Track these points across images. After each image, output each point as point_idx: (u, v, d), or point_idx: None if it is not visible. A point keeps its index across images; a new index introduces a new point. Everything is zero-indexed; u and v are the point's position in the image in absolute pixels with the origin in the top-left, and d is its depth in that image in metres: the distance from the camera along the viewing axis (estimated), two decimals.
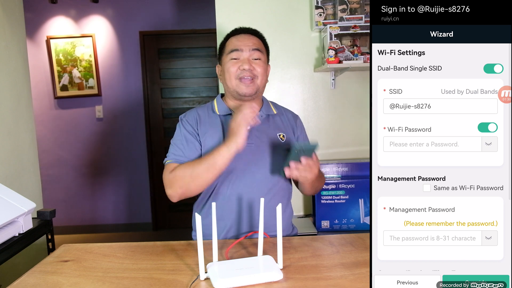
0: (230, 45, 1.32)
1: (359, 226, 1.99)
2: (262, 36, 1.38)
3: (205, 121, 1.32)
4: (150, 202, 3.80)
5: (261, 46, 1.34)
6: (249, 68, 1.28)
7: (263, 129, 1.32)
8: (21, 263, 1.62)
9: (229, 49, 1.31)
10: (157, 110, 3.78)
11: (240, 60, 1.29)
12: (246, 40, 1.31)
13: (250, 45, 1.30)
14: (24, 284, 0.96)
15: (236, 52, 1.29)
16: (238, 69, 1.29)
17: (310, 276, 0.96)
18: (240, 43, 1.30)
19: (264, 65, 1.32)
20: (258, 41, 1.34)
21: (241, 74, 1.28)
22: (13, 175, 1.98)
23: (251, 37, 1.32)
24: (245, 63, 1.28)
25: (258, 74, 1.30)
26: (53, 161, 3.75)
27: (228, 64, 1.31)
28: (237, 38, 1.32)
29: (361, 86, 2.19)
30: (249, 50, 1.29)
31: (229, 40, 1.34)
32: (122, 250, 1.17)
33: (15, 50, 2.08)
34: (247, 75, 1.28)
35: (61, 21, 3.62)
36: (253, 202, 1.27)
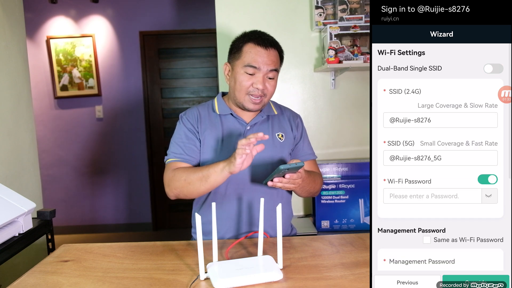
0: (248, 57, 1.24)
1: (359, 226, 1.99)
2: (280, 47, 1.31)
3: (205, 120, 1.32)
4: (150, 202, 3.80)
5: (278, 63, 1.29)
6: (262, 88, 1.25)
7: (262, 129, 1.32)
8: (21, 263, 1.62)
9: (246, 61, 1.24)
10: (157, 110, 3.78)
11: (255, 77, 1.24)
12: (266, 58, 1.24)
13: (269, 64, 1.24)
14: (24, 284, 0.96)
15: (253, 68, 1.24)
16: (251, 86, 1.25)
17: (310, 276, 0.96)
18: (260, 60, 1.23)
19: (275, 83, 1.30)
20: (277, 56, 1.28)
21: (252, 91, 1.25)
22: (13, 175, 1.98)
23: (272, 53, 1.25)
24: (259, 83, 1.24)
25: (268, 93, 1.28)
26: (53, 161, 3.75)
27: (241, 76, 1.25)
28: (258, 52, 1.24)
29: (361, 86, 2.19)
30: (266, 70, 1.24)
31: (247, 47, 1.25)
32: (122, 250, 1.17)
33: (15, 50, 2.08)
34: (258, 94, 1.25)
35: (61, 21, 3.62)
36: (252, 202, 1.28)
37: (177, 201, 3.73)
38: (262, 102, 1.28)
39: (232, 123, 1.31)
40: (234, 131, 1.30)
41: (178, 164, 1.27)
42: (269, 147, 1.29)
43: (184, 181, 1.20)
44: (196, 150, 1.28)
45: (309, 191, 1.31)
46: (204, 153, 1.28)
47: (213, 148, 1.28)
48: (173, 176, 1.23)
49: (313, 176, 1.31)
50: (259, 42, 1.25)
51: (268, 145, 1.29)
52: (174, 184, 1.22)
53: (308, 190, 1.31)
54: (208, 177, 1.15)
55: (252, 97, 1.26)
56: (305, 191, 1.30)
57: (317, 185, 1.35)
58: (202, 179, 1.16)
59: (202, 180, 1.17)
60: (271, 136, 1.32)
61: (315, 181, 1.32)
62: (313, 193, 1.36)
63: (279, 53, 1.29)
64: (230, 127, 1.31)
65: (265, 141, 1.29)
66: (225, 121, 1.32)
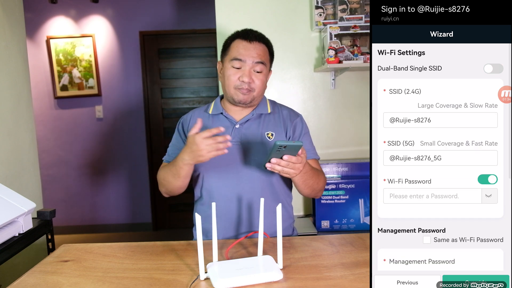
0: (234, 51, 1.28)
1: (359, 226, 1.99)
2: (268, 42, 1.33)
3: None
4: (150, 202, 3.80)
5: (266, 57, 1.30)
6: (248, 81, 1.26)
7: (251, 128, 1.33)
8: (21, 263, 1.62)
9: (233, 55, 1.28)
10: (157, 110, 3.78)
11: (241, 70, 1.27)
12: (251, 51, 1.27)
13: (254, 56, 1.26)
14: (24, 284, 0.96)
15: (238, 61, 1.26)
16: (238, 79, 1.27)
17: (310, 276, 0.96)
18: (244, 53, 1.26)
19: (264, 78, 1.30)
20: (264, 50, 1.30)
21: (240, 85, 1.27)
22: (13, 175, 1.98)
23: (257, 47, 1.28)
24: (245, 76, 1.26)
25: (256, 87, 1.28)
26: (53, 161, 3.75)
27: (229, 71, 1.28)
28: (243, 45, 1.27)
29: (361, 86, 2.19)
30: (252, 62, 1.26)
31: (234, 43, 1.30)
32: (122, 250, 1.17)
33: (15, 50, 2.08)
34: (245, 87, 1.27)
35: (61, 21, 3.62)
36: (252, 202, 1.28)
37: (177, 201, 3.74)
38: (251, 95, 1.29)
39: (222, 122, 1.34)
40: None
41: (165, 165, 1.36)
42: (256, 146, 1.30)
43: (163, 180, 1.30)
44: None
45: (312, 186, 1.28)
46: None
47: None
48: (158, 177, 1.34)
49: (316, 172, 1.29)
50: (245, 36, 1.29)
51: (256, 143, 1.30)
52: (159, 184, 1.33)
53: (311, 186, 1.27)
54: (179, 173, 1.21)
55: (240, 90, 1.28)
56: (308, 185, 1.26)
57: (321, 181, 1.32)
58: (175, 176, 1.23)
59: (175, 177, 1.23)
60: (259, 135, 1.32)
61: (318, 177, 1.30)
62: (316, 190, 1.32)
63: (268, 48, 1.32)
64: (219, 126, 1.31)
65: (253, 140, 1.31)
66: (215, 121, 1.35)
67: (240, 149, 1.29)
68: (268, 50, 1.32)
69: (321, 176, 1.33)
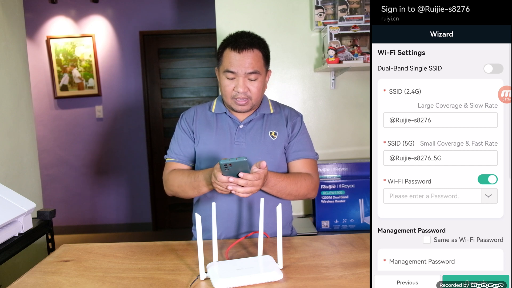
0: (226, 62, 1.24)
1: (359, 226, 1.99)
2: (261, 45, 1.27)
3: (202, 118, 1.36)
4: (150, 202, 3.80)
5: (259, 64, 1.25)
6: (243, 91, 1.24)
7: (254, 128, 1.33)
8: (21, 263, 1.62)
9: (225, 67, 1.24)
10: (157, 110, 3.78)
11: (236, 80, 1.24)
12: (242, 61, 1.22)
13: (246, 66, 1.22)
14: (24, 284, 0.96)
15: (231, 73, 1.24)
16: (233, 90, 1.25)
17: (310, 276, 0.96)
18: (236, 64, 1.22)
19: (260, 83, 1.27)
20: (256, 57, 1.24)
21: (236, 95, 1.25)
22: (13, 175, 1.98)
23: (249, 55, 1.22)
24: (239, 87, 1.23)
25: (253, 95, 1.26)
26: (53, 161, 3.74)
27: (224, 81, 1.27)
28: (233, 56, 1.22)
29: (361, 86, 2.19)
30: (244, 73, 1.23)
31: (225, 53, 1.25)
32: (122, 250, 1.17)
33: (15, 50, 2.08)
34: (242, 97, 1.25)
35: (61, 21, 3.62)
36: (252, 202, 1.28)
37: (177, 201, 3.73)
38: (249, 103, 1.28)
39: (226, 121, 1.34)
40: (227, 129, 1.32)
41: (175, 165, 1.34)
42: (259, 145, 1.30)
43: (177, 187, 1.28)
44: (191, 149, 1.34)
45: (291, 194, 1.25)
46: (200, 150, 1.32)
47: (208, 146, 1.32)
48: (168, 178, 1.31)
49: (294, 178, 1.26)
50: (234, 46, 1.23)
51: (259, 143, 1.30)
52: (170, 186, 1.31)
53: (290, 193, 1.24)
54: (197, 187, 1.23)
55: (237, 100, 1.27)
56: (285, 193, 1.24)
57: (301, 187, 1.26)
58: (192, 187, 1.24)
59: (192, 188, 1.25)
60: (262, 134, 1.32)
61: (297, 183, 1.25)
62: (300, 195, 1.27)
63: (261, 51, 1.26)
64: (224, 126, 1.33)
65: (256, 140, 1.31)
66: (219, 120, 1.35)
67: (243, 149, 1.29)
68: (262, 54, 1.26)
69: (301, 181, 1.27)
